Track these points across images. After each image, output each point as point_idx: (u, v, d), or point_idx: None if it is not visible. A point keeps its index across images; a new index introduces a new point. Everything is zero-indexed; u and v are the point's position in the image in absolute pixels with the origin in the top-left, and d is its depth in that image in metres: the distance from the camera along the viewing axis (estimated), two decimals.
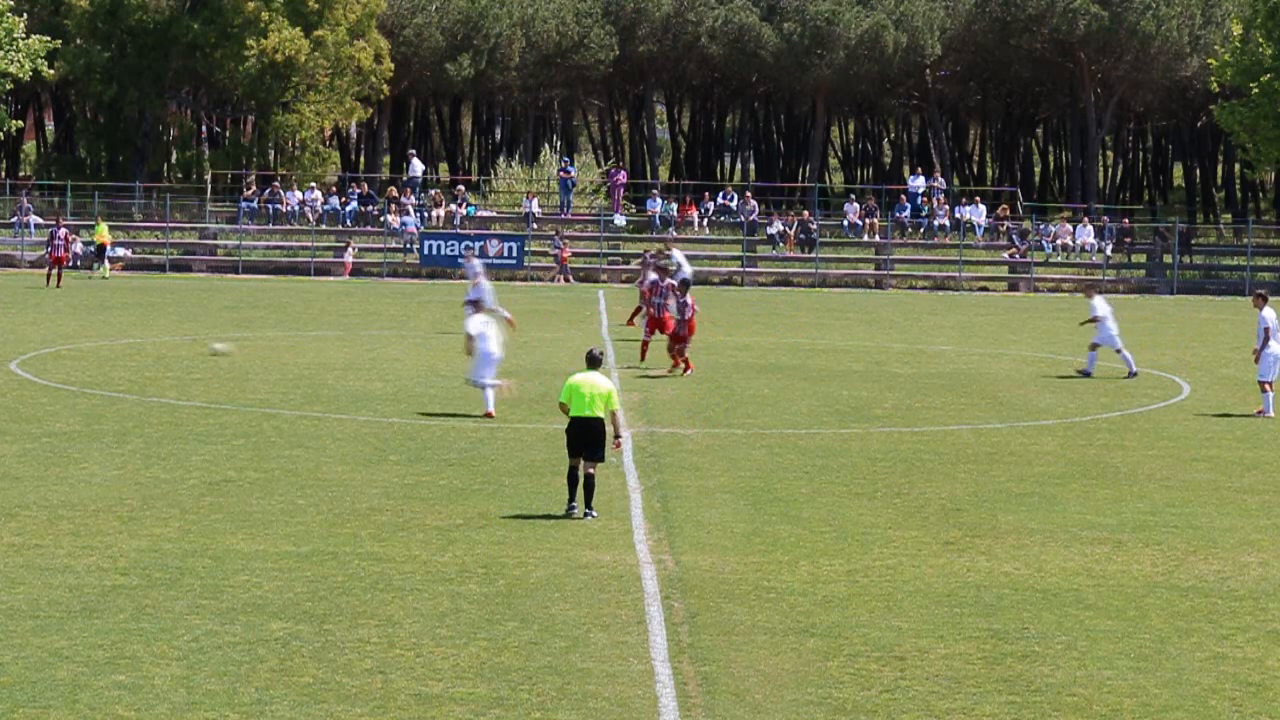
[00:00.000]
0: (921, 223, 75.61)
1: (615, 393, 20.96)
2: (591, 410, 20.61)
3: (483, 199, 79.79)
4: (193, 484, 22.14)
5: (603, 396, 20.67)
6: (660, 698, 13.59)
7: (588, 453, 20.67)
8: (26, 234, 70.44)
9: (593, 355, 21.50)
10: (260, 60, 74.82)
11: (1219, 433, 29.17)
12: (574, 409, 20.65)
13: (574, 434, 20.66)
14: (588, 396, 20.64)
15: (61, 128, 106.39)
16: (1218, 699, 13.99)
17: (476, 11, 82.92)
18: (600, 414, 20.64)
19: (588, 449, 20.64)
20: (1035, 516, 21.35)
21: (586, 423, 20.61)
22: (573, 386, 20.74)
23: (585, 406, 20.62)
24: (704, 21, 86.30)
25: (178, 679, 13.73)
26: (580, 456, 20.71)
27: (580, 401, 20.64)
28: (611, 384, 21.06)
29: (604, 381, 20.87)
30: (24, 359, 35.48)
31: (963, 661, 14.83)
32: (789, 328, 48.71)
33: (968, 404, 32.23)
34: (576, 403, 20.65)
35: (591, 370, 21.05)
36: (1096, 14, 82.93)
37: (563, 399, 20.84)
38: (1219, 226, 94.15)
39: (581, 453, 20.68)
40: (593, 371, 21.02)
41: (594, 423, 20.62)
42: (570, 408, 20.68)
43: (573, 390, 20.71)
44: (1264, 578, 18.36)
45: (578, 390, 20.69)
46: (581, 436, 20.62)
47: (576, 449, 20.68)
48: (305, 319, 48.04)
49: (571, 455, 20.80)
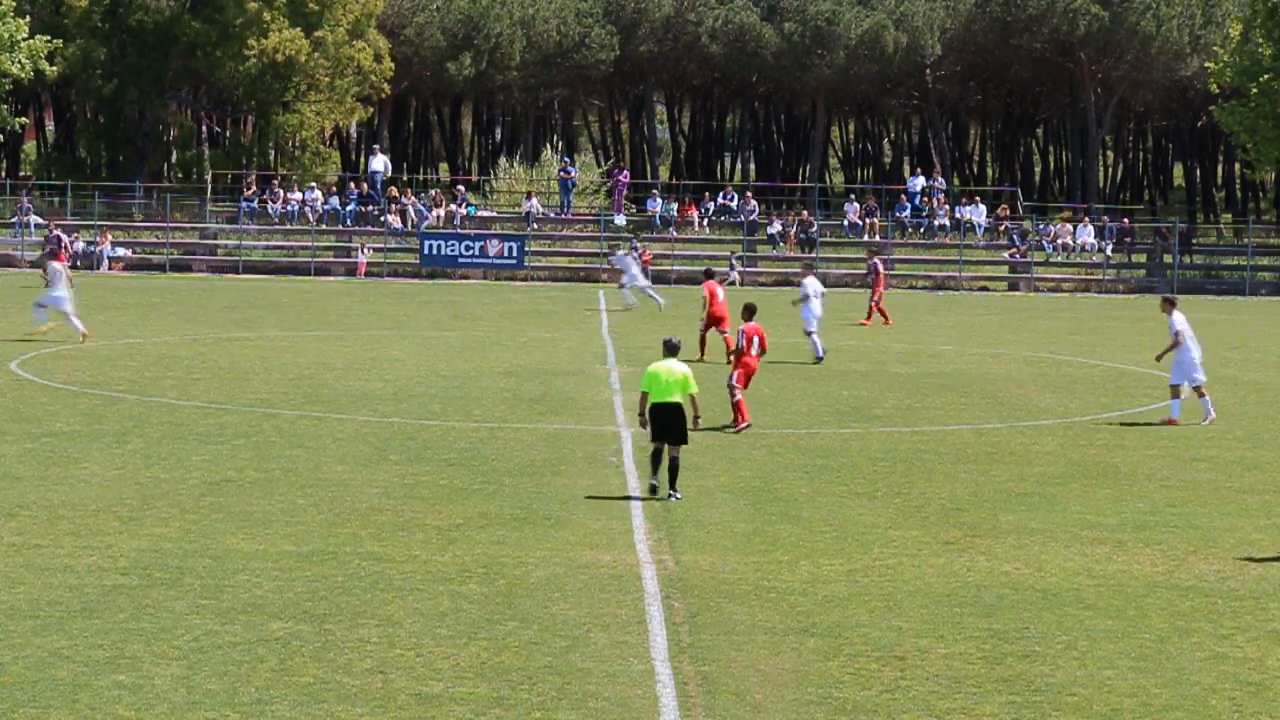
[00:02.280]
0: (922, 223, 75.61)
1: (691, 376, 21.86)
2: (670, 396, 21.53)
3: (483, 199, 79.81)
4: (193, 484, 22.13)
5: (679, 382, 21.62)
6: (660, 697, 13.59)
7: (670, 437, 21.55)
8: (26, 234, 70.45)
9: (670, 343, 22.30)
10: (260, 60, 74.82)
11: (1219, 433, 29.15)
12: (654, 395, 21.56)
13: (655, 419, 21.57)
14: (665, 382, 21.56)
15: (62, 127, 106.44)
16: (1218, 699, 13.98)
17: (477, 11, 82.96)
18: (679, 399, 21.57)
19: (669, 433, 21.54)
20: (1035, 516, 21.34)
21: (666, 408, 21.53)
22: (652, 374, 21.71)
23: (664, 392, 21.53)
24: (704, 21, 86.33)
25: (178, 679, 13.73)
26: (663, 440, 21.59)
27: (659, 388, 21.56)
28: (687, 369, 21.92)
29: (680, 367, 21.79)
30: (24, 359, 35.48)
31: (963, 661, 14.83)
32: (789, 328, 48.71)
33: (968, 404, 32.23)
34: (656, 389, 21.57)
35: (669, 357, 21.92)
36: (1097, 14, 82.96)
37: (643, 387, 21.77)
38: (1219, 226, 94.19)
39: (664, 437, 21.57)
40: (670, 359, 21.88)
41: (673, 408, 21.52)
42: (650, 395, 21.58)
43: (652, 378, 21.67)
44: (1264, 577, 18.35)
45: (656, 377, 21.65)
46: (662, 422, 21.52)
47: (659, 434, 21.60)
48: (305, 319, 48.05)
49: (654, 439, 21.70)
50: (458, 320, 48.97)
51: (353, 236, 72.59)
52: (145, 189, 77.79)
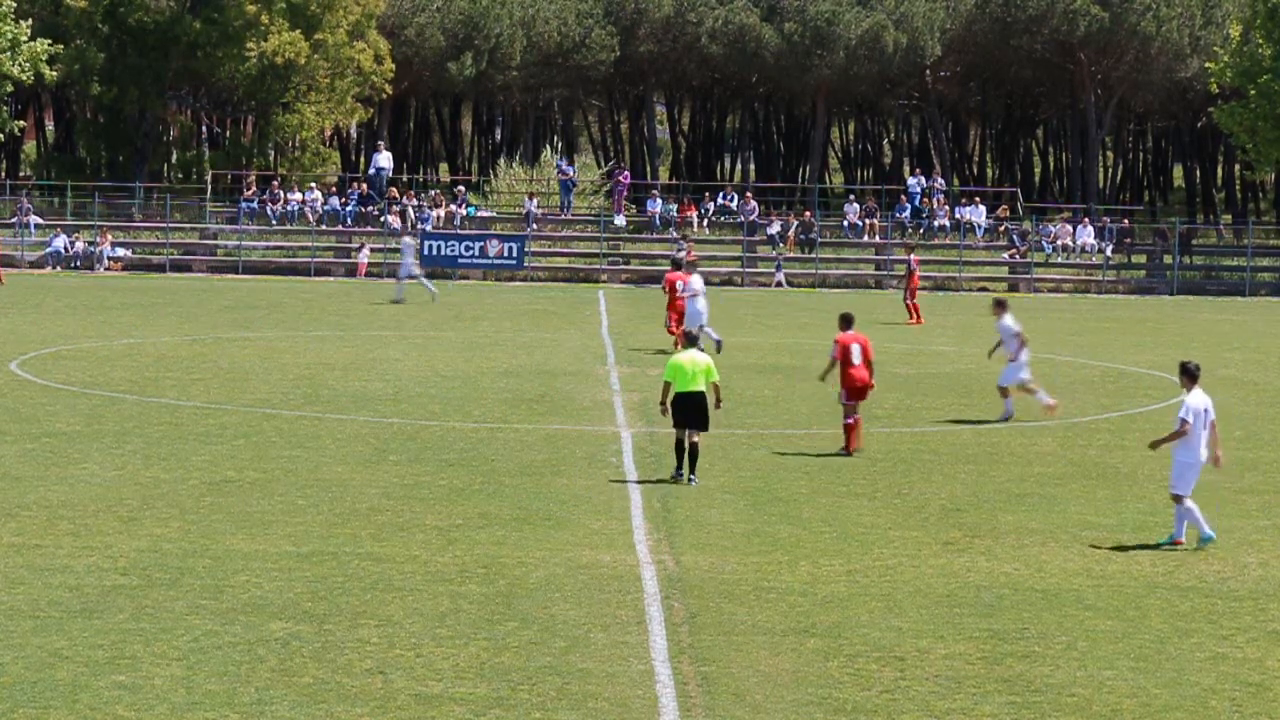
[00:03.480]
0: (922, 223, 75.62)
1: (713, 366, 23.17)
2: (695, 385, 22.79)
3: (483, 199, 79.78)
4: (193, 484, 22.14)
5: (704, 371, 22.89)
6: (660, 698, 13.60)
7: (693, 423, 22.78)
8: (26, 234, 70.45)
9: (690, 334, 24.61)
10: (260, 61, 74.82)
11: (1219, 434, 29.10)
12: (679, 385, 22.76)
13: (679, 407, 22.76)
14: (690, 372, 22.78)
15: (61, 128, 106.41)
16: (1218, 699, 13.99)
17: (478, 11, 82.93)
18: (702, 387, 22.83)
19: (692, 419, 22.78)
20: (1035, 517, 21.35)
21: (691, 396, 22.78)
22: (676, 365, 22.98)
23: (689, 381, 22.76)
24: (704, 22, 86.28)
25: (177, 679, 13.73)
26: (686, 427, 22.76)
27: (684, 378, 22.78)
28: (709, 359, 23.22)
29: (703, 357, 23.09)
30: (24, 359, 35.48)
31: (963, 662, 14.84)
32: (789, 328, 48.71)
33: (968, 404, 32.24)
34: (680, 379, 22.79)
35: (691, 348, 23.34)
36: (1097, 15, 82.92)
37: (667, 377, 22.97)
38: (1219, 227, 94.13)
39: (687, 424, 22.76)
40: (692, 349, 23.29)
41: (697, 396, 22.80)
42: (675, 384, 22.76)
43: (676, 368, 22.90)
44: (1264, 578, 18.37)
45: (681, 368, 22.87)
46: (686, 409, 22.74)
47: (682, 421, 22.77)
48: (305, 319, 48.05)
49: (678, 427, 22.86)
50: (458, 321, 48.96)
51: (353, 237, 72.57)
52: (145, 189, 77.73)
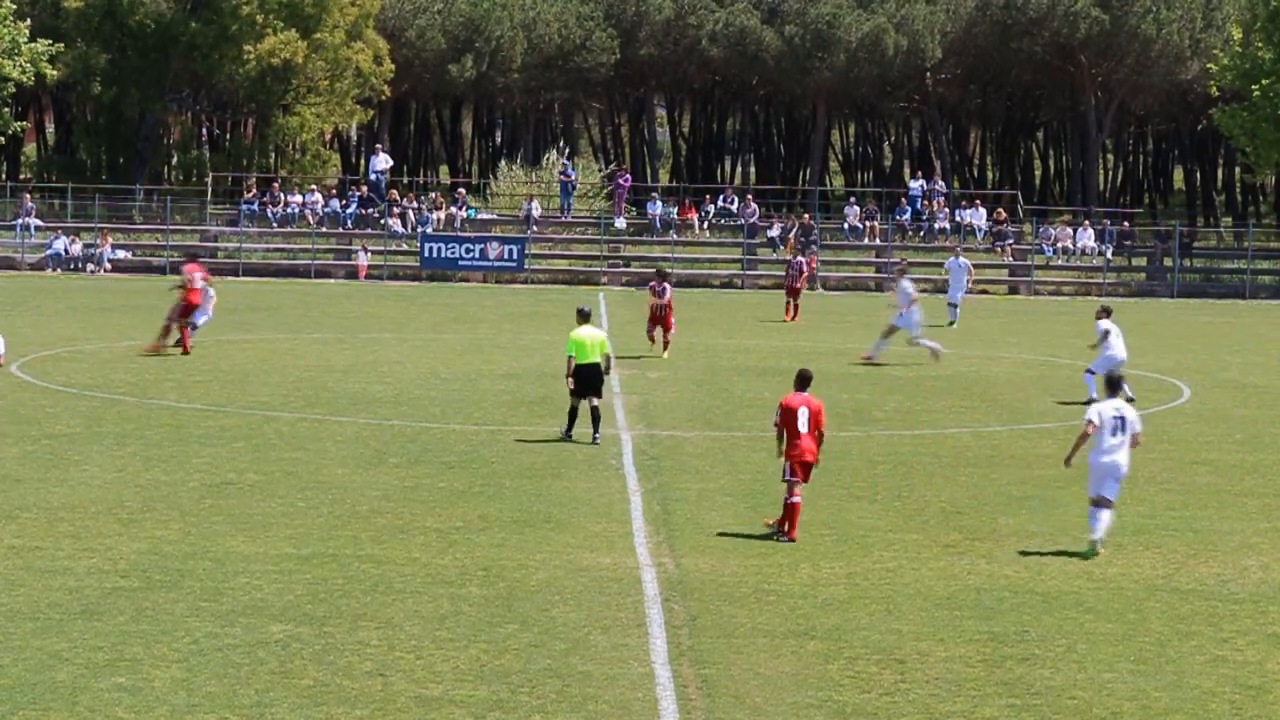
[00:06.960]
0: (922, 226, 75.61)
1: (606, 340, 26.23)
2: (592, 357, 25.74)
3: (483, 201, 79.77)
4: (193, 486, 22.14)
5: (599, 344, 25.88)
6: (660, 700, 13.60)
7: (593, 391, 25.73)
8: (27, 236, 70.45)
9: (582, 311, 26.66)
10: (259, 63, 74.80)
11: (1219, 436, 29.16)
12: (579, 358, 25.64)
13: (580, 378, 25.68)
14: (589, 346, 25.74)
15: (62, 130, 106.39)
16: (1218, 702, 13.99)
17: (478, 14, 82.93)
18: (598, 359, 25.79)
19: (592, 388, 25.73)
20: (1035, 519, 21.35)
21: (590, 368, 25.74)
22: (577, 341, 25.76)
23: (587, 354, 25.71)
24: (705, 25, 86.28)
25: (178, 681, 13.73)
26: (585, 395, 25.70)
27: (583, 351, 25.70)
28: (603, 333, 26.35)
29: (598, 332, 26.11)
30: (24, 361, 35.47)
31: (963, 664, 14.84)
32: (789, 330, 48.72)
33: (968, 407, 32.24)
34: (580, 353, 25.69)
35: (584, 325, 26.09)
36: (1097, 17, 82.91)
37: (569, 351, 25.72)
38: (1219, 230, 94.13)
39: (586, 392, 25.69)
40: (587, 325, 26.08)
41: (594, 367, 25.78)
42: (576, 358, 25.61)
43: (578, 344, 25.72)
44: (1264, 581, 18.37)
45: (581, 344, 25.75)
46: (587, 379, 25.69)
47: (583, 390, 25.73)
48: (306, 321, 48.04)
49: (574, 397, 25.82)
50: (458, 323, 48.96)
51: (353, 239, 72.57)
52: (145, 191, 77.72)
